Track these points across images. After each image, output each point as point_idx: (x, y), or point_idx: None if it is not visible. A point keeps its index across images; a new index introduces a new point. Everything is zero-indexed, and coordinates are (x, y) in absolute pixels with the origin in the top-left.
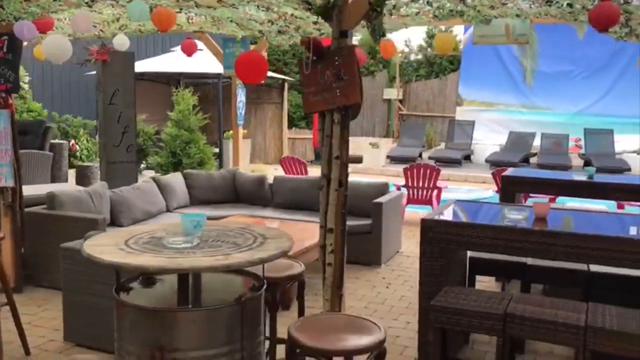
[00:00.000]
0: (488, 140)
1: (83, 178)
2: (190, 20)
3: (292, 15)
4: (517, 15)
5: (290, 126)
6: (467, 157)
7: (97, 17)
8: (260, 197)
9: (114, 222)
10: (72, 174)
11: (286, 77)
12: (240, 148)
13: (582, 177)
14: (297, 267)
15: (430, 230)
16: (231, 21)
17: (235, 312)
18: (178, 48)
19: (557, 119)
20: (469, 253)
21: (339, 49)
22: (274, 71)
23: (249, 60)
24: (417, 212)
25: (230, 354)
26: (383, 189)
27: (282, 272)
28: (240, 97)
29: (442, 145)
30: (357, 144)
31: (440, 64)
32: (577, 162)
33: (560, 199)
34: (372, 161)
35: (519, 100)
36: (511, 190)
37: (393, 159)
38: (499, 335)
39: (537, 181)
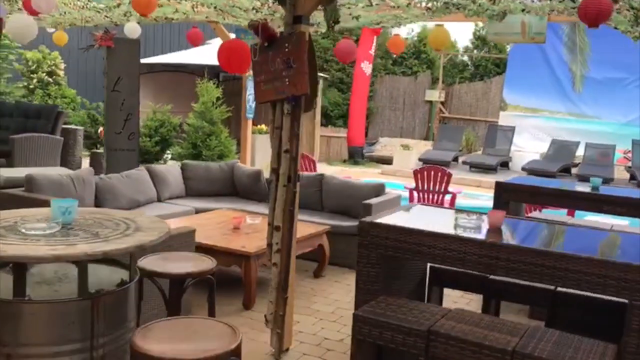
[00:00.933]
0: (530, 147)
1: (96, 164)
2: (195, 9)
3: (274, 2)
4: (522, 10)
5: (327, 124)
6: (505, 164)
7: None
8: (256, 192)
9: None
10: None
11: (321, 74)
12: (250, 142)
13: (585, 189)
14: (206, 264)
15: (367, 233)
16: (215, 7)
17: (84, 308)
18: (213, 41)
19: (605, 128)
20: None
21: (289, 35)
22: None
23: (231, 49)
24: None
25: (78, 352)
26: (379, 190)
27: (182, 269)
28: (251, 90)
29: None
30: (392, 145)
31: (485, 67)
32: (622, 175)
33: (580, 212)
34: (402, 163)
35: (566, 107)
36: (505, 198)
37: (426, 162)
38: (420, 354)
39: (533, 190)
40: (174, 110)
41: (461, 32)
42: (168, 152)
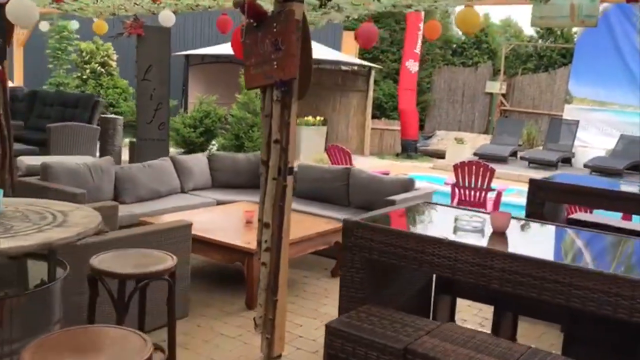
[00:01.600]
0: (597, 143)
1: (134, 154)
2: None
3: None
4: None
5: (381, 116)
6: (567, 161)
7: None
8: None
9: (117, 199)
10: None
11: (373, 65)
12: None
13: (634, 189)
14: (165, 264)
15: (351, 233)
16: None
17: None
18: None
19: None
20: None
21: (278, 13)
22: (371, 59)
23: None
24: None
25: None
26: (407, 185)
27: (133, 268)
28: None
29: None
30: (449, 139)
31: (550, 57)
32: None
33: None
34: (455, 157)
35: (638, 100)
36: (540, 197)
37: (481, 157)
38: None
39: (571, 189)
40: (222, 102)
41: (526, 21)
42: (213, 142)
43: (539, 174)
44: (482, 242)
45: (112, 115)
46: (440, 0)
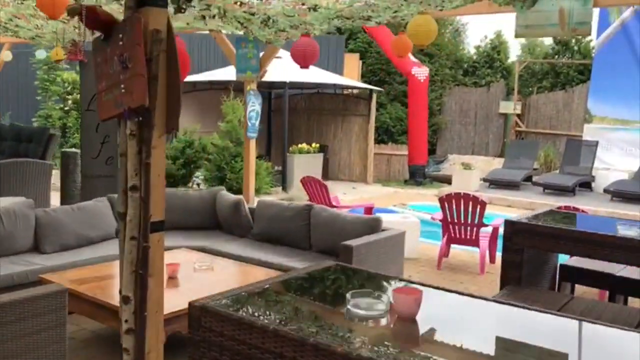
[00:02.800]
0: (622, 165)
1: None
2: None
3: None
4: None
5: (388, 141)
6: (586, 185)
7: None
8: (237, 225)
9: (37, 247)
10: None
11: (374, 87)
12: (252, 166)
13: (634, 233)
14: None
15: (198, 324)
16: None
17: None
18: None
19: None
20: None
21: (124, 21)
22: (378, 82)
23: None
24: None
25: None
26: (373, 225)
27: None
28: (253, 105)
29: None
30: (460, 162)
31: (567, 74)
32: None
33: None
34: (462, 184)
35: None
36: (518, 243)
37: (492, 183)
38: None
39: (558, 234)
40: (202, 130)
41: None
42: (197, 174)
43: (555, 201)
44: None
45: (72, 149)
46: (402, 11)
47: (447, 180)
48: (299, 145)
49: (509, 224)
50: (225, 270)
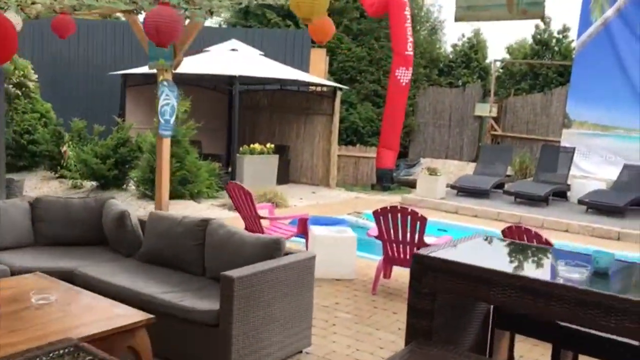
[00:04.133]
0: (601, 172)
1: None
2: None
3: None
4: None
5: (358, 142)
6: (561, 194)
7: None
8: (122, 242)
9: None
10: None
11: (339, 85)
12: (164, 169)
13: (573, 274)
14: None
15: None
16: None
17: None
18: (213, 48)
19: None
20: None
21: None
22: (349, 80)
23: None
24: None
25: None
26: (272, 248)
27: None
28: (168, 98)
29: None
30: (434, 167)
31: (546, 76)
32: None
33: None
34: (427, 191)
35: None
36: (430, 286)
37: (460, 190)
38: None
39: (478, 275)
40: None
41: (520, 36)
42: (133, 175)
43: (526, 212)
44: None
45: None
46: None
47: (416, 185)
48: (251, 146)
49: (417, 258)
50: (66, 308)
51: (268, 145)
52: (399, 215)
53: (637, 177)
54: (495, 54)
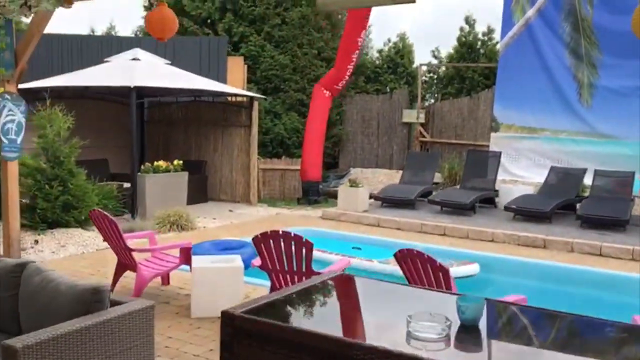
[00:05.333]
0: (532, 176)
1: None
2: None
3: None
4: None
5: (284, 154)
6: (489, 201)
7: None
8: None
9: None
10: None
11: (255, 95)
12: (13, 197)
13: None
14: None
15: None
16: None
17: None
18: (113, 58)
19: (626, 150)
20: None
21: None
22: (273, 89)
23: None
24: None
25: None
26: (90, 301)
27: None
28: (12, 114)
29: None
30: (365, 176)
31: (472, 79)
32: None
33: None
34: (348, 203)
35: (573, 124)
36: (243, 355)
37: (384, 201)
38: None
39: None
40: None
41: (445, 39)
42: None
43: (451, 221)
44: None
45: None
46: None
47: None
48: (155, 163)
49: (226, 319)
50: None
51: (176, 162)
52: (281, 241)
53: (563, 179)
54: (422, 58)
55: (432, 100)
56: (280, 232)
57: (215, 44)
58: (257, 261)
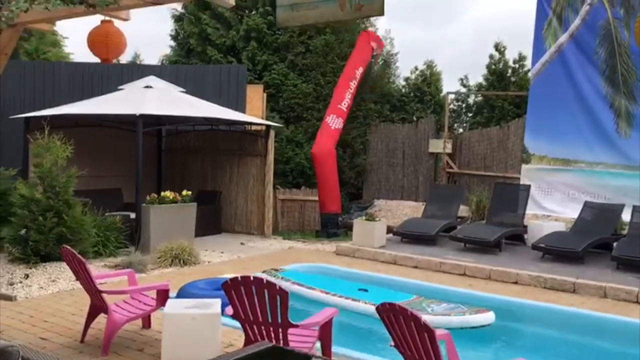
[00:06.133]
0: (567, 212)
1: None
2: None
3: None
4: None
5: (304, 184)
6: (518, 238)
7: None
8: None
9: None
10: None
11: (272, 123)
12: None
13: None
14: None
15: None
16: None
17: None
18: (127, 86)
19: None
20: None
21: None
22: (295, 118)
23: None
24: None
25: None
26: None
27: None
28: None
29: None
30: (388, 208)
31: (502, 108)
32: None
33: None
34: (363, 239)
35: (610, 156)
36: None
37: (404, 236)
38: None
39: None
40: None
41: (474, 67)
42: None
43: (474, 260)
44: None
45: None
46: None
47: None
48: (162, 193)
49: None
50: None
51: (184, 192)
52: (253, 288)
53: (599, 216)
54: (450, 86)
55: (461, 130)
56: (252, 279)
57: (235, 72)
58: (229, 309)
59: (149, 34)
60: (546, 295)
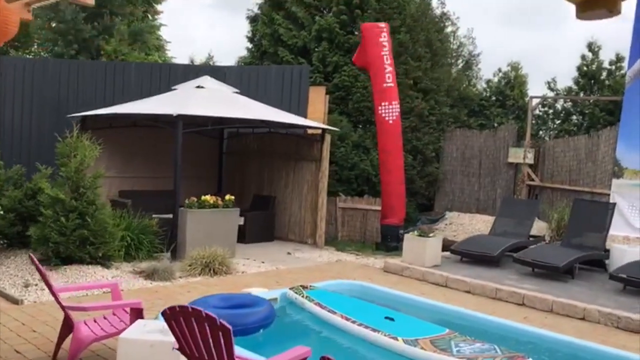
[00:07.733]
0: None
1: None
2: None
3: None
4: None
5: (370, 192)
6: (599, 264)
7: None
8: None
9: None
10: None
11: (328, 127)
12: None
13: None
14: None
15: None
16: None
17: None
18: (180, 86)
19: None
20: None
21: None
22: (364, 122)
23: None
24: None
25: None
26: None
27: None
28: None
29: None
30: (460, 222)
31: (592, 114)
32: None
33: None
34: (414, 256)
35: None
36: None
37: (464, 255)
38: None
39: None
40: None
41: (562, 70)
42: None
43: (539, 287)
44: None
45: None
46: None
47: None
48: (202, 197)
49: None
50: None
51: (227, 197)
52: (193, 321)
53: None
54: (535, 90)
55: (547, 138)
56: (190, 310)
57: (297, 73)
58: (176, 343)
59: (223, 38)
60: (616, 337)
